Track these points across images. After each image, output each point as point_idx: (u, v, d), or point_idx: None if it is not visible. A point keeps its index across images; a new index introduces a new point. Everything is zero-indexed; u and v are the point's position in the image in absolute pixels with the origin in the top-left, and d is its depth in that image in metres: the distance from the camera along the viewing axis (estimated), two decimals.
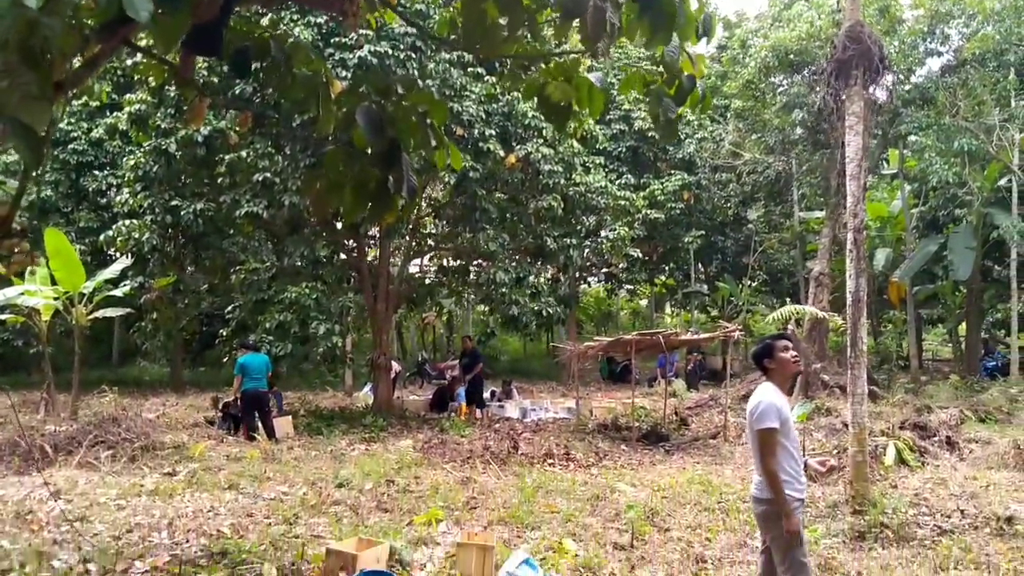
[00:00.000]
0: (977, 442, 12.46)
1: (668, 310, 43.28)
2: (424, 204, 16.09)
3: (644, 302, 41.89)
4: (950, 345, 37.99)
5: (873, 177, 24.93)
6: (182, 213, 14.48)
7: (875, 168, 24.51)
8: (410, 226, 16.43)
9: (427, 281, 18.76)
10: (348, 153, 5.16)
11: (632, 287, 32.72)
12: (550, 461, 10.99)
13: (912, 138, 20.55)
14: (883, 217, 25.45)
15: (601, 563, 6.59)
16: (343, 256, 16.71)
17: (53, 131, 13.12)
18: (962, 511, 8.36)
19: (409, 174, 5.02)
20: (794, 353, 4.92)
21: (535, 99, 5.60)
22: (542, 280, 16.00)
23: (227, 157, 13.44)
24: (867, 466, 8.84)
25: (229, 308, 15.65)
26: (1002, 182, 22.14)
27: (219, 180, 14.02)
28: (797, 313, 13.78)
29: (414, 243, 17.51)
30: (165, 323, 16.86)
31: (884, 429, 11.97)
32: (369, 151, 4.99)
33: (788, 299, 34.85)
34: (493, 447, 11.46)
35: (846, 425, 12.47)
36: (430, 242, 18.57)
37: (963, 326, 28.99)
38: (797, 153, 20.09)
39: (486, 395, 17.87)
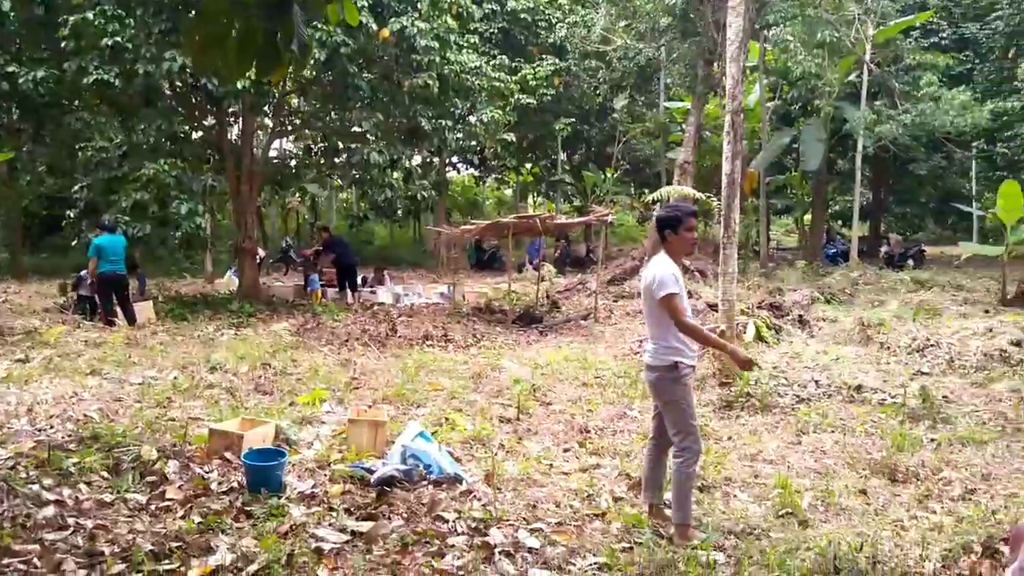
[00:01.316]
0: (825, 320, 13.35)
1: (531, 200, 43.64)
2: (289, 81, 15.19)
3: (509, 191, 42.03)
4: (794, 234, 40.40)
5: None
6: (19, 81, 13.08)
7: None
8: (274, 103, 15.53)
9: (292, 163, 17.95)
10: (232, 2, 4.68)
11: (500, 175, 32.66)
12: (429, 343, 11.00)
13: (774, 30, 21.03)
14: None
15: (490, 435, 6.71)
16: (202, 133, 15.67)
17: None
18: (816, 381, 8.99)
19: (300, 27, 4.62)
20: (696, 234, 4.99)
21: None
22: (414, 164, 15.62)
23: (71, 19, 12.13)
24: (734, 341, 9.32)
25: (76, 188, 14.45)
26: (852, 77, 23.18)
27: (63, 45, 12.65)
28: (674, 194, 14.10)
29: (280, 122, 16.62)
30: (3, 203, 15.45)
31: (743, 309, 12.60)
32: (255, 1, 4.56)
33: (648, 189, 35.86)
34: (371, 330, 11.35)
35: (709, 306, 13.11)
36: (296, 121, 17.64)
37: (808, 216, 30.76)
38: (667, 41, 20.19)
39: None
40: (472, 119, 18.17)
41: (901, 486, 5.81)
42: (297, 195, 23.45)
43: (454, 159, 25.95)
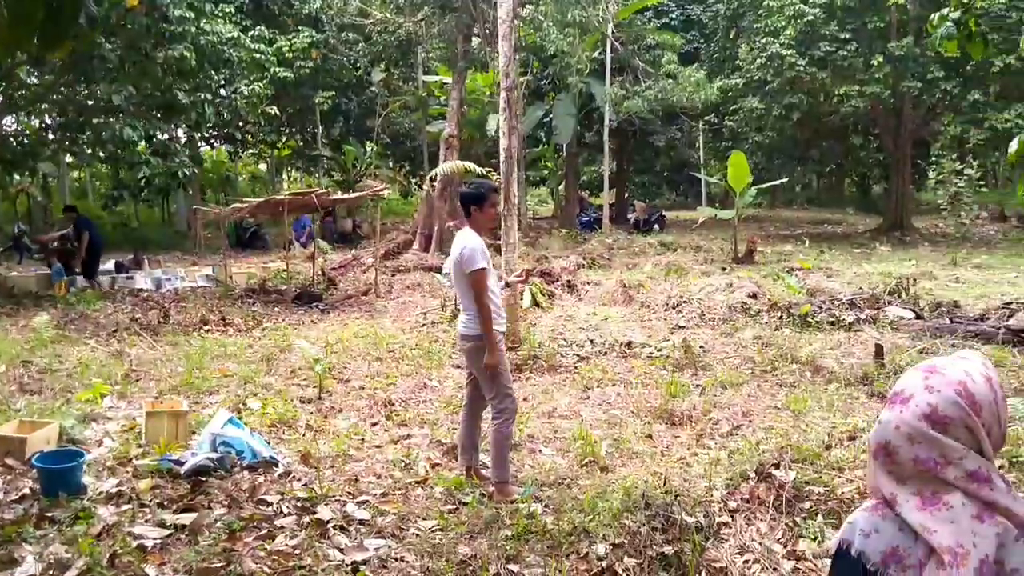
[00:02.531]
0: (590, 284, 14.31)
1: (286, 175, 42.29)
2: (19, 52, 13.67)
3: (263, 167, 40.50)
4: (546, 204, 42.41)
5: (489, 48, 26.19)
6: None
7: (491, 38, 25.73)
8: (3, 75, 13.95)
9: (24, 141, 16.22)
10: None
11: (256, 150, 31.39)
12: (207, 328, 10.55)
13: (528, 8, 21.88)
14: (492, 85, 26.86)
15: (295, 416, 6.67)
16: None
17: None
18: (592, 341, 9.71)
19: None
20: (500, 209, 5.26)
21: None
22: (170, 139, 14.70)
23: None
24: (517, 308, 9.83)
25: None
26: (597, 54, 24.69)
27: None
28: (451, 168, 14.37)
29: (9, 96, 14.92)
30: None
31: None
32: None
33: (408, 163, 36.08)
34: (140, 318, 10.68)
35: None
36: (24, 94, 15.89)
37: (561, 186, 32.42)
38: (426, 15, 20.38)
39: (107, 265, 16.33)
40: (226, 91, 17.32)
41: (679, 428, 6.52)
42: (28, 176, 21.17)
43: (213, 134, 24.56)
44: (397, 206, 35.87)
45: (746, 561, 4.08)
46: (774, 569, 4.01)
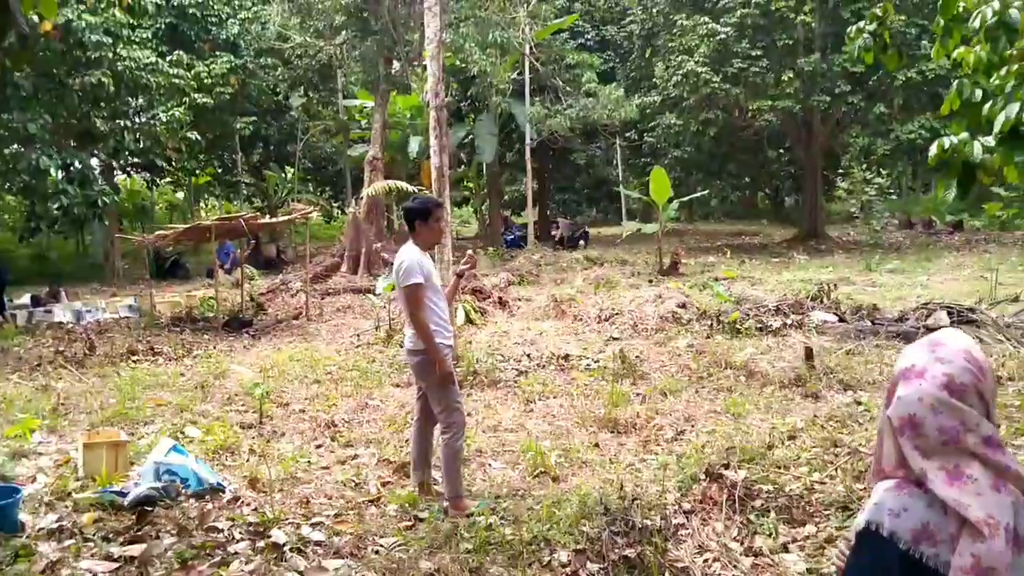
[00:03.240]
0: (521, 300, 14.43)
1: (203, 203, 41.31)
2: None
3: (181, 195, 39.53)
4: (471, 223, 42.54)
5: (412, 69, 26.21)
6: None
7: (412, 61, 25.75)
8: None
9: None
10: None
11: (174, 178, 30.64)
12: (135, 358, 10.25)
13: (448, 30, 22.04)
14: (413, 108, 26.90)
15: (237, 442, 6.53)
16: None
17: None
18: (528, 355, 9.79)
19: (19, 15, 4.26)
20: (445, 223, 5.28)
21: None
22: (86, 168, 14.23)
23: None
24: (451, 324, 9.83)
25: None
26: (516, 75, 25.00)
27: None
28: (382, 189, 14.32)
29: None
30: None
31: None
32: None
33: (330, 187, 35.72)
34: (65, 350, 10.30)
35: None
36: None
37: (485, 205, 32.59)
38: (347, 39, 20.31)
39: (23, 299, 15.70)
40: (142, 118, 16.87)
41: (625, 436, 6.62)
42: None
43: (134, 161, 23.83)
44: (320, 231, 35.45)
45: (706, 560, 4.18)
46: (734, 566, 4.11)
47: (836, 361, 8.69)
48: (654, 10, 26.21)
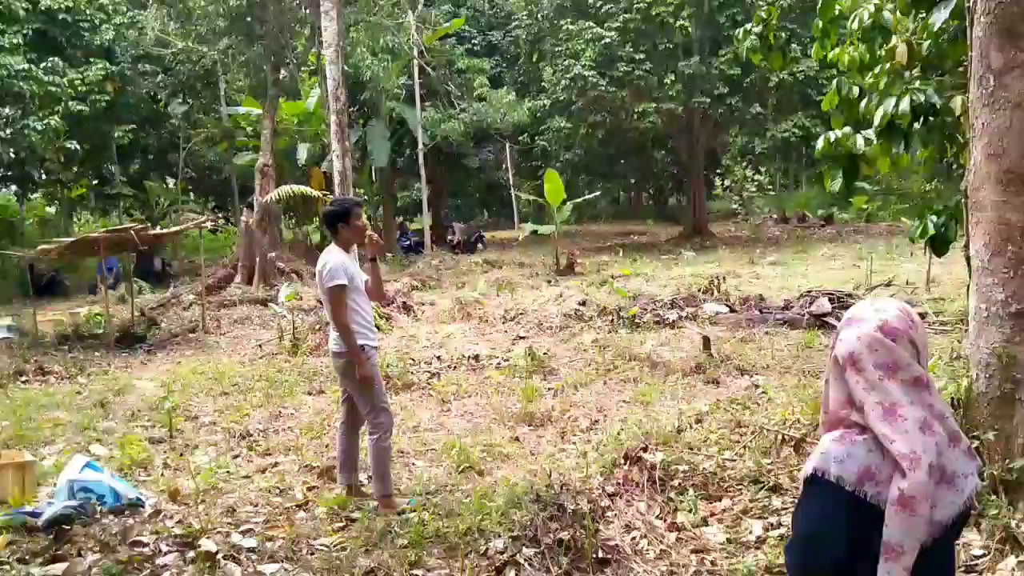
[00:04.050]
0: (425, 304, 14.45)
1: (77, 218, 39.34)
2: None
3: (53, 209, 37.53)
4: None
5: (302, 73, 25.77)
6: None
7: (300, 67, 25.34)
8: None
9: None
10: None
11: (48, 191, 29.07)
12: (24, 379, 9.77)
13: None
14: (301, 114, 26.40)
15: (149, 457, 6.36)
16: None
17: None
18: (439, 357, 9.87)
19: None
20: (365, 221, 5.31)
21: None
22: None
23: None
24: None
25: None
26: (405, 80, 24.97)
27: None
28: (295, 191, 14.14)
29: None
30: None
31: None
32: None
33: (215, 197, 34.65)
34: None
35: (320, 302, 13.42)
36: None
37: (379, 211, 32.31)
38: (231, 44, 19.83)
39: None
40: (15, 127, 16.01)
41: (542, 429, 6.81)
42: None
43: (6, 174, 22.47)
44: (206, 241, 34.37)
45: (633, 538, 4.38)
46: (660, 541, 4.33)
47: (731, 349, 9.14)
48: (540, 15, 26.67)
